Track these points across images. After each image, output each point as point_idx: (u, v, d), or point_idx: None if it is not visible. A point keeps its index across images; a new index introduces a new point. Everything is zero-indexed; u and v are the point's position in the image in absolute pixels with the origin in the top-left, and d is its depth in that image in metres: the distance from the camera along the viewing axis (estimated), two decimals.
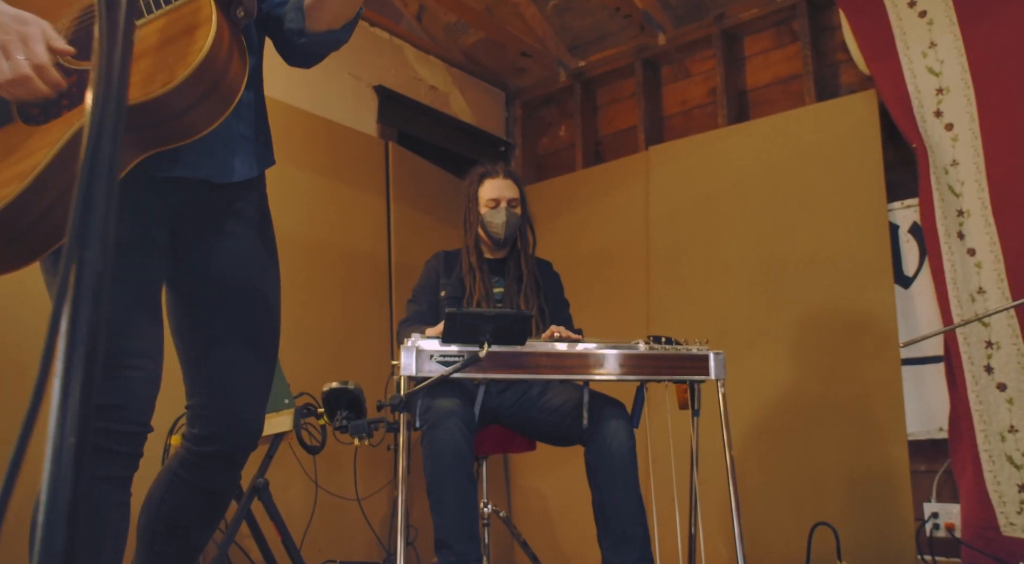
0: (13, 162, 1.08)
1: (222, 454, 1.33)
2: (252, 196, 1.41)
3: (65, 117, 1.10)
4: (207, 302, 1.34)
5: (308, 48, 1.38)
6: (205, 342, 1.34)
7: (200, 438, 1.33)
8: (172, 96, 1.08)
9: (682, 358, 2.15)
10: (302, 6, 1.34)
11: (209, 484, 1.35)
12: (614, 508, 2.14)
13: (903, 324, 3.07)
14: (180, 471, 1.34)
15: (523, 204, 2.64)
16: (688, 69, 4.08)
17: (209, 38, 1.08)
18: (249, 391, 1.35)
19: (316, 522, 2.51)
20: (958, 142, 3.04)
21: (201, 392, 1.33)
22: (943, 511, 2.88)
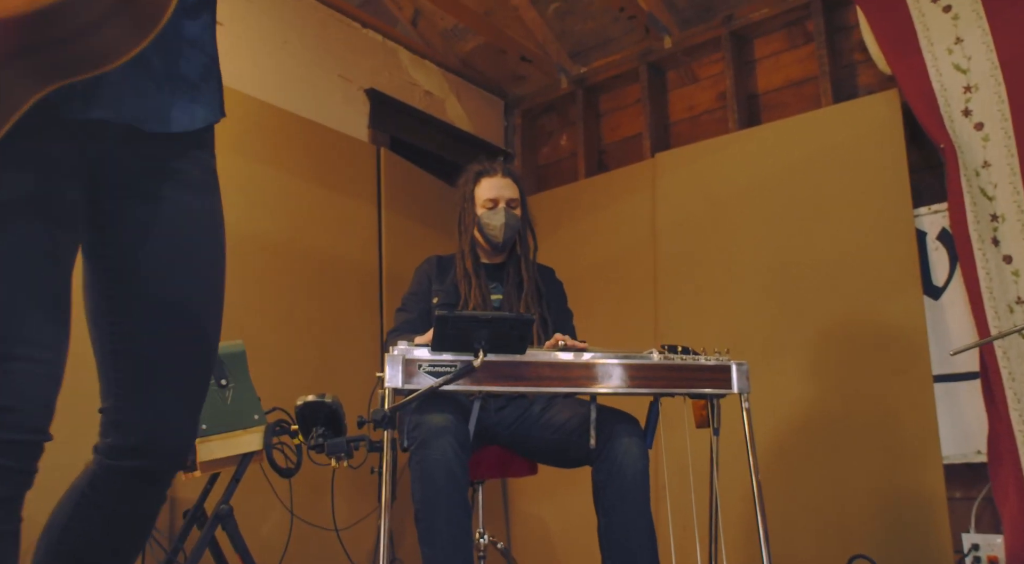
0: None
1: (143, 471, 1.09)
2: (197, 156, 1.16)
3: None
4: (131, 281, 1.10)
5: None
6: (125, 331, 1.10)
7: (116, 451, 1.09)
8: (72, 4, 0.85)
9: (701, 369, 1.92)
10: None
11: (125, 509, 1.11)
12: (623, 534, 1.90)
13: (933, 338, 2.84)
14: (90, 492, 1.10)
15: (523, 205, 2.43)
16: (695, 73, 3.89)
17: None
18: (178, 395, 1.11)
19: (291, 554, 2.25)
20: (989, 142, 2.84)
21: (118, 394, 1.09)
22: (984, 542, 2.63)
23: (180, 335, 1.11)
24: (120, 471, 1.08)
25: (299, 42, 3.38)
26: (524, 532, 3.57)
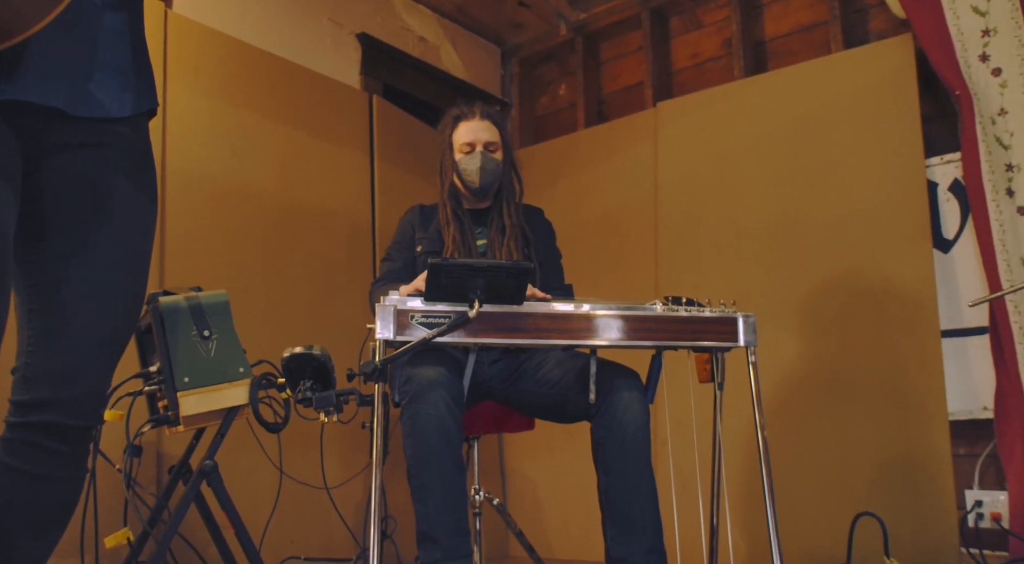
0: None
1: (52, 426, 1.05)
2: (125, 139, 1.17)
3: None
4: (54, 245, 1.10)
5: None
6: (41, 291, 1.08)
7: (23, 407, 1.06)
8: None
9: (706, 322, 1.84)
10: None
11: (39, 470, 1.06)
12: (623, 493, 1.84)
13: (942, 292, 2.76)
14: (6, 459, 1.05)
15: (505, 147, 2.33)
16: (700, 19, 3.75)
17: None
18: (88, 346, 1.08)
19: (280, 512, 2.19)
20: (1007, 89, 2.73)
21: (29, 350, 1.07)
22: (988, 499, 2.59)
23: (96, 290, 1.09)
24: (30, 428, 1.04)
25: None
26: (520, 489, 3.53)
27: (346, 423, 1.81)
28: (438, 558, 1.74)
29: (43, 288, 1.08)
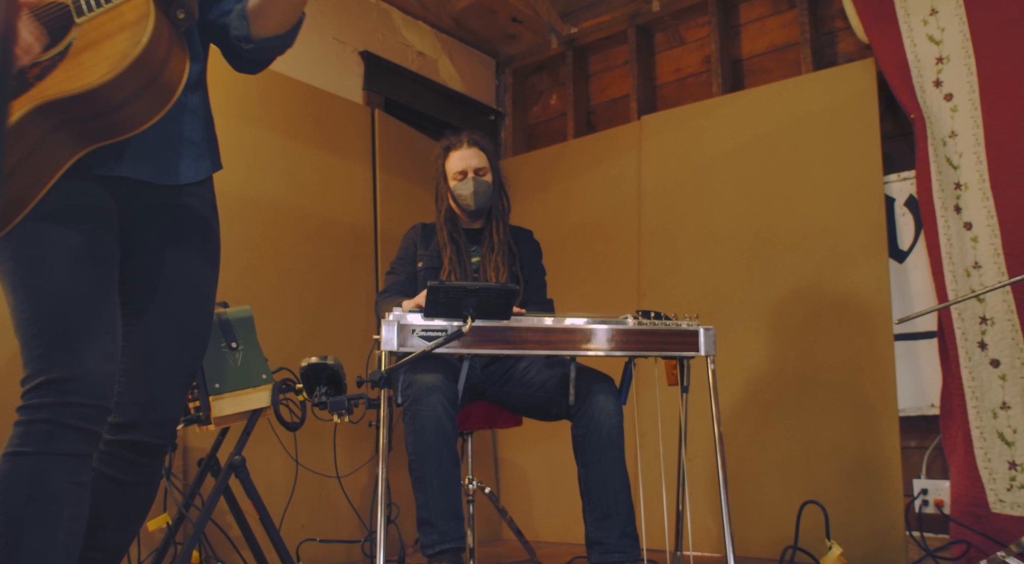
0: None
1: (137, 444, 1.30)
2: (198, 200, 1.40)
3: None
4: (142, 293, 1.32)
5: (255, 54, 1.39)
6: (134, 331, 1.32)
7: (115, 426, 1.29)
8: (110, 88, 1.10)
9: (671, 333, 2.10)
10: (246, 13, 1.34)
11: (125, 477, 1.31)
12: (599, 484, 2.10)
13: (897, 299, 3.02)
14: (99, 467, 1.29)
15: (494, 170, 2.58)
16: (682, 36, 3.98)
17: (147, 33, 1.12)
18: (168, 380, 1.33)
19: (296, 500, 2.46)
20: (957, 113, 2.97)
21: (121, 380, 1.29)
22: (933, 487, 2.86)
23: (175, 335, 1.32)
24: (119, 444, 1.28)
25: None
26: (511, 478, 3.80)
27: (355, 423, 2.07)
28: (435, 540, 2.00)
29: (133, 330, 1.31)
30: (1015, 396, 2.69)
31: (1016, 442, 2.67)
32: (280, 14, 1.33)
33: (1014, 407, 2.69)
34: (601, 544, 2.07)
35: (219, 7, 1.42)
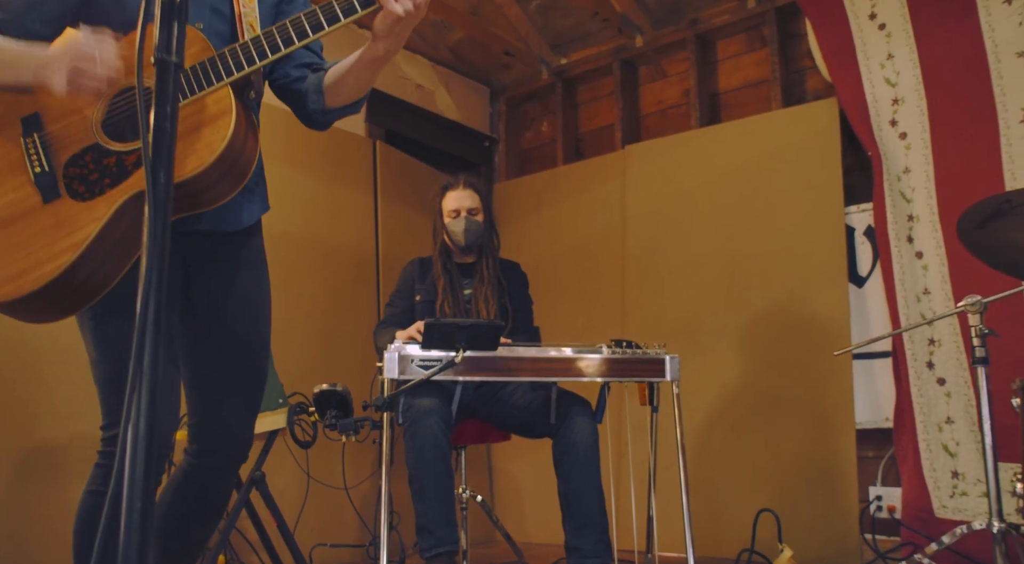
0: (65, 234, 1.28)
1: (220, 466, 1.54)
2: (253, 240, 1.61)
3: (108, 195, 1.30)
4: (210, 336, 1.52)
5: (328, 120, 1.59)
6: (206, 371, 1.53)
7: (201, 453, 1.53)
8: (200, 178, 1.28)
9: (641, 361, 2.37)
10: (321, 89, 1.53)
11: (208, 491, 1.56)
12: (577, 497, 2.38)
13: (856, 321, 3.29)
14: (183, 481, 1.54)
15: (486, 210, 2.85)
16: (665, 70, 4.25)
17: (231, 128, 1.28)
18: (243, 415, 1.56)
19: (308, 509, 2.75)
20: (911, 150, 3.24)
21: (200, 414, 1.53)
22: (886, 494, 3.13)
23: (242, 370, 1.55)
24: (203, 466, 1.53)
25: None
26: (504, 485, 4.08)
27: (361, 442, 2.34)
28: (432, 544, 2.28)
29: (209, 366, 1.51)
30: (959, 412, 2.96)
31: (959, 453, 2.94)
32: (353, 91, 1.52)
33: (958, 422, 2.96)
34: (578, 550, 2.35)
35: (281, 68, 1.58)
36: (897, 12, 3.33)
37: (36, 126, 1.32)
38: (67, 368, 2.46)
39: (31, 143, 1.32)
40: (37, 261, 1.27)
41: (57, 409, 2.52)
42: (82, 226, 1.28)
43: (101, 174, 1.30)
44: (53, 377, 2.51)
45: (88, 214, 1.29)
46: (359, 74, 1.50)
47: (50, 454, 2.49)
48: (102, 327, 1.39)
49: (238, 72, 1.32)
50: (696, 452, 3.43)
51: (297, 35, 1.33)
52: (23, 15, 1.35)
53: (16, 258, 1.28)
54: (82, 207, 1.30)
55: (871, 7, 3.40)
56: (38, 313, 1.32)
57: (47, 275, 1.26)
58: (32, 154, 1.32)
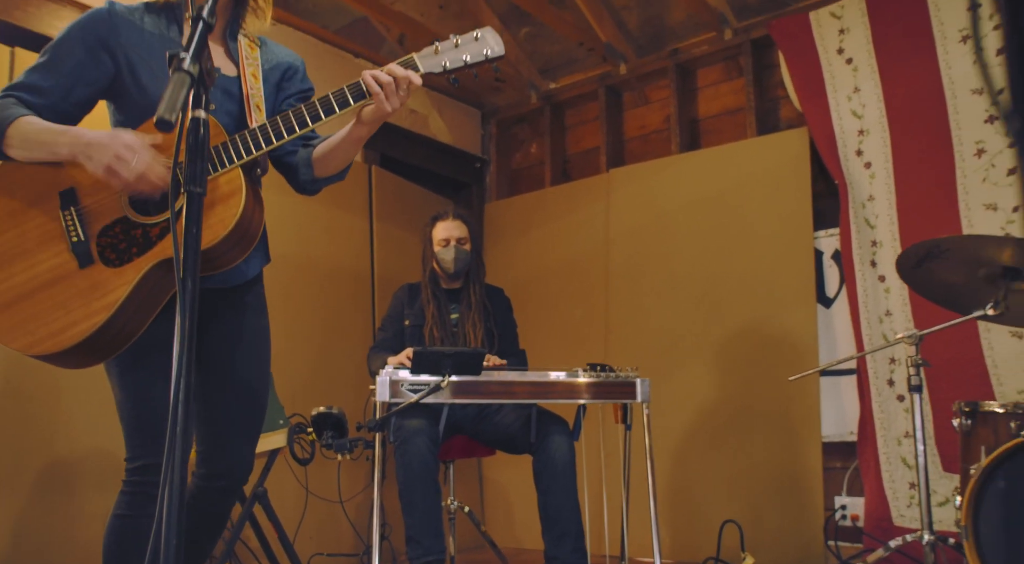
0: (99, 296, 1.48)
1: (225, 488, 1.74)
2: (256, 288, 1.81)
3: (135, 262, 1.50)
4: (217, 376, 1.71)
5: (317, 187, 1.81)
6: (214, 406, 1.72)
7: (209, 476, 1.72)
8: (214, 249, 1.48)
9: (614, 384, 2.57)
10: (311, 162, 1.75)
11: (214, 508, 1.75)
12: (555, 509, 2.58)
13: (824, 340, 3.49)
14: (192, 500, 1.73)
15: (473, 240, 3.04)
16: (648, 96, 4.45)
17: (241, 206, 1.49)
18: (246, 444, 1.76)
19: (306, 521, 2.94)
20: (875, 179, 3.44)
21: (208, 443, 1.72)
22: (851, 504, 3.33)
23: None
24: (210, 488, 1.73)
25: None
26: (494, 493, 4.27)
27: (355, 459, 2.54)
28: (420, 554, 2.48)
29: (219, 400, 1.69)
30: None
31: (915, 466, 3.13)
32: (338, 164, 1.74)
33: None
34: (556, 559, 2.55)
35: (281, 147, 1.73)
36: (863, 48, 3.53)
37: (72, 200, 1.53)
38: (84, 388, 2.66)
39: (68, 216, 1.52)
40: (75, 320, 1.47)
41: (74, 426, 2.72)
42: (113, 289, 1.48)
43: (129, 243, 1.51)
44: (71, 396, 2.71)
45: (118, 278, 1.49)
46: (343, 151, 1.72)
47: (67, 468, 2.69)
48: (127, 374, 1.58)
49: (247, 156, 1.52)
50: (673, 464, 3.63)
51: (299, 125, 1.54)
52: (60, 101, 1.57)
53: (57, 316, 1.48)
54: (113, 272, 1.50)
55: (839, 42, 3.61)
56: (75, 362, 1.52)
57: (84, 332, 1.46)
58: (70, 225, 1.52)
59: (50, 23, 3.08)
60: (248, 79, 1.67)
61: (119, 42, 1.59)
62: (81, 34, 1.58)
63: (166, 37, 1.64)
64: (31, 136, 1.50)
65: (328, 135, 1.76)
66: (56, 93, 1.56)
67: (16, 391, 2.63)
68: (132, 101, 1.58)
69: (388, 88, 1.56)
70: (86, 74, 1.58)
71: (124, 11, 1.63)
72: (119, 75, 1.60)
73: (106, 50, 1.59)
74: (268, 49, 1.81)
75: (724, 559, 3.10)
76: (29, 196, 1.53)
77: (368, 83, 1.56)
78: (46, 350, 1.47)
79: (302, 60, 1.90)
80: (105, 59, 1.58)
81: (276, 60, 1.81)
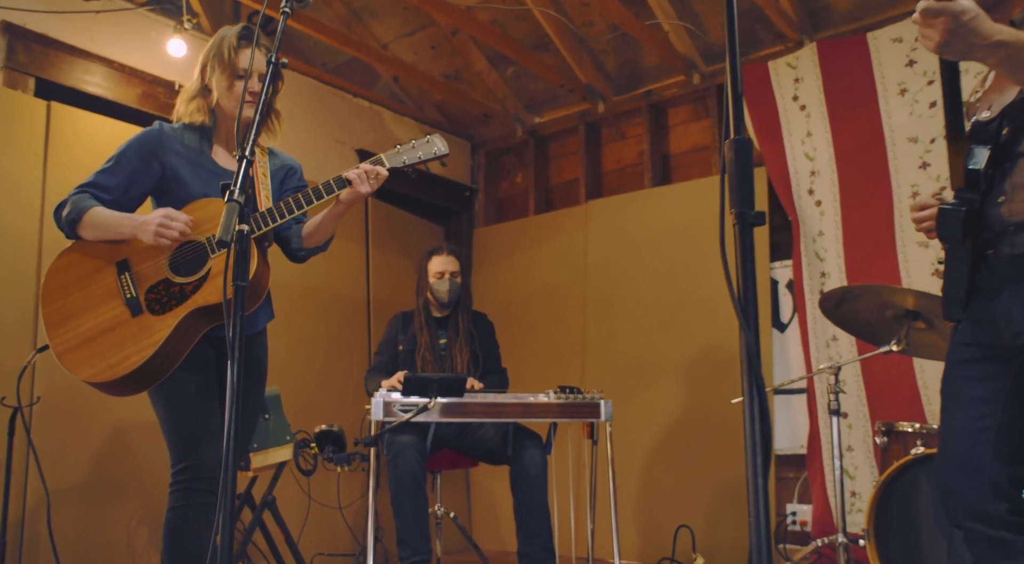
0: (146, 336, 1.89)
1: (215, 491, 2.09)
2: (262, 338, 2.21)
3: (174, 311, 1.92)
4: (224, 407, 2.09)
5: (306, 255, 2.25)
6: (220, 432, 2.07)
7: None
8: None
9: (581, 405, 2.91)
10: (301, 236, 2.21)
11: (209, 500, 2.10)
12: (528, 514, 2.92)
13: (779, 361, 3.84)
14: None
15: (463, 273, 3.39)
16: (624, 132, 4.81)
17: (254, 269, 1.88)
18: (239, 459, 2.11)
19: (309, 524, 3.29)
20: (824, 217, 3.80)
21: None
22: (800, 511, 3.68)
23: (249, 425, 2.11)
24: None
25: (303, 117, 4.27)
26: (481, 498, 4.61)
27: (353, 471, 2.88)
28: (409, 554, 2.82)
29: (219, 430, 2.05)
30: (857, 441, 3.51)
31: (856, 476, 3.49)
32: (322, 235, 2.22)
33: (856, 450, 3.51)
34: (528, 556, 2.89)
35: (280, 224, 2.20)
36: (815, 96, 3.89)
37: (126, 267, 1.97)
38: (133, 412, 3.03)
39: (124, 278, 1.96)
40: (127, 354, 1.88)
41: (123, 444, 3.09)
42: (157, 331, 1.89)
43: (169, 297, 1.93)
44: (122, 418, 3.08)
45: (161, 323, 1.90)
46: (327, 226, 2.20)
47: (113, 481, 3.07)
48: (168, 398, 1.96)
49: (258, 231, 1.96)
50: (640, 473, 3.98)
51: (297, 207, 2.01)
52: (120, 196, 2.04)
53: (114, 352, 1.89)
54: (157, 319, 1.91)
55: (794, 90, 3.97)
56: (126, 389, 1.92)
57: (135, 363, 1.87)
58: (125, 286, 1.95)
59: (79, 77, 3.43)
60: (260, 178, 2.15)
61: (165, 153, 2.08)
62: (138, 147, 2.07)
63: (198, 150, 2.13)
64: (101, 222, 1.96)
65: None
66: (118, 191, 2.04)
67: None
68: (174, 195, 2.05)
69: (362, 177, 2.06)
70: (140, 177, 2.06)
71: (170, 129, 2.13)
72: (164, 177, 2.06)
73: (156, 159, 2.06)
74: (275, 156, 2.30)
75: (679, 560, 3.44)
76: (94, 265, 1.97)
77: (348, 175, 2.05)
78: (105, 378, 1.87)
79: (299, 164, 2.39)
80: (155, 166, 2.07)
81: (280, 163, 2.31)
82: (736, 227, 1.12)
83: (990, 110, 1.53)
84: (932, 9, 1.29)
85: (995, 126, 1.49)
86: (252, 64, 1.94)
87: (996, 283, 1.51)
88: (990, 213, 1.50)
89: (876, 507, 2.33)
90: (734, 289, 1.08)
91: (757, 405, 1.05)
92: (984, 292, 1.54)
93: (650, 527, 3.84)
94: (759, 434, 1.04)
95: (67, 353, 1.92)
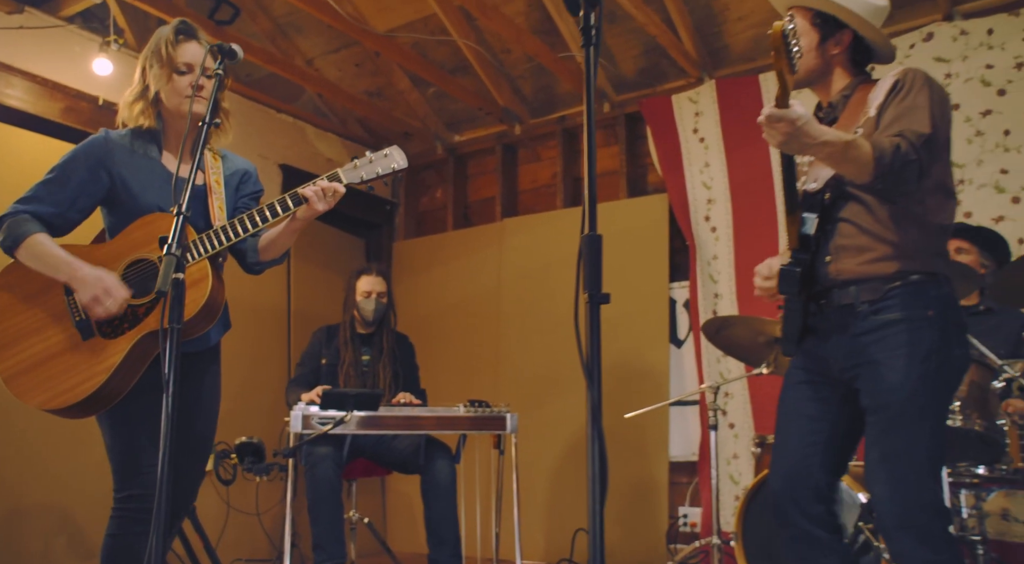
0: (99, 361, 1.89)
1: (176, 515, 2.19)
2: (216, 357, 2.21)
3: (127, 334, 1.91)
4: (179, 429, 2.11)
5: (261, 268, 2.22)
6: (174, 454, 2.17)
7: None
8: (187, 324, 1.81)
9: (489, 418, 3.14)
10: (257, 250, 2.17)
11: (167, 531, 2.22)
12: (437, 521, 3.13)
13: (675, 375, 4.16)
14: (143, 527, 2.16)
15: (389, 294, 3.57)
16: (539, 154, 5.06)
17: (208, 290, 1.91)
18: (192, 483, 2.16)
19: (227, 531, 3.41)
20: (718, 242, 4.13)
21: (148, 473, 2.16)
22: (691, 513, 4.00)
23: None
24: None
25: None
26: (396, 502, 4.79)
27: (271, 481, 3.03)
28: (324, 558, 2.98)
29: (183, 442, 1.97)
30: (743, 449, 3.85)
31: (740, 481, 3.82)
32: (279, 251, 2.14)
33: (741, 457, 3.85)
34: (437, 561, 3.10)
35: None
36: (713, 130, 4.22)
37: None
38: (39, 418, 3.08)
39: (71, 300, 1.94)
40: (80, 380, 1.88)
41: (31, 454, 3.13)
42: (110, 356, 1.90)
43: (121, 320, 1.93)
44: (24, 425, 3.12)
45: (114, 347, 1.91)
46: (284, 240, 2.16)
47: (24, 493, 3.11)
48: (117, 425, 1.97)
49: (212, 250, 1.95)
50: (547, 480, 4.23)
51: (252, 225, 1.98)
52: (67, 210, 1.98)
53: (66, 378, 1.90)
54: (109, 343, 1.91)
55: (695, 123, 4.29)
56: (80, 413, 1.92)
57: (88, 389, 1.88)
58: (73, 307, 1.94)
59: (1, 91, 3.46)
60: (212, 186, 2.11)
61: (113, 162, 2.02)
62: (84, 157, 2.00)
63: (148, 156, 2.08)
64: (39, 256, 1.92)
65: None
66: (63, 204, 1.98)
67: None
68: (124, 207, 2.01)
69: (319, 194, 2.03)
70: (88, 188, 1.99)
71: (116, 137, 2.07)
72: (113, 188, 2.02)
73: (104, 169, 2.01)
74: (228, 160, 2.26)
75: (576, 561, 3.71)
76: (39, 285, 1.95)
77: (304, 192, 2.03)
78: (58, 405, 1.88)
79: (255, 167, 2.35)
80: (103, 176, 2.00)
81: (234, 168, 2.26)
82: (588, 305, 1.35)
83: (816, 182, 1.83)
84: (774, 115, 1.57)
85: (820, 196, 1.79)
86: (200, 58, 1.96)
87: (827, 326, 1.81)
88: (820, 271, 1.80)
89: (744, 512, 2.64)
90: (583, 354, 1.29)
91: (597, 449, 1.25)
92: (816, 332, 1.84)
93: (554, 530, 4.10)
94: (598, 473, 1.24)
95: (15, 378, 1.90)
